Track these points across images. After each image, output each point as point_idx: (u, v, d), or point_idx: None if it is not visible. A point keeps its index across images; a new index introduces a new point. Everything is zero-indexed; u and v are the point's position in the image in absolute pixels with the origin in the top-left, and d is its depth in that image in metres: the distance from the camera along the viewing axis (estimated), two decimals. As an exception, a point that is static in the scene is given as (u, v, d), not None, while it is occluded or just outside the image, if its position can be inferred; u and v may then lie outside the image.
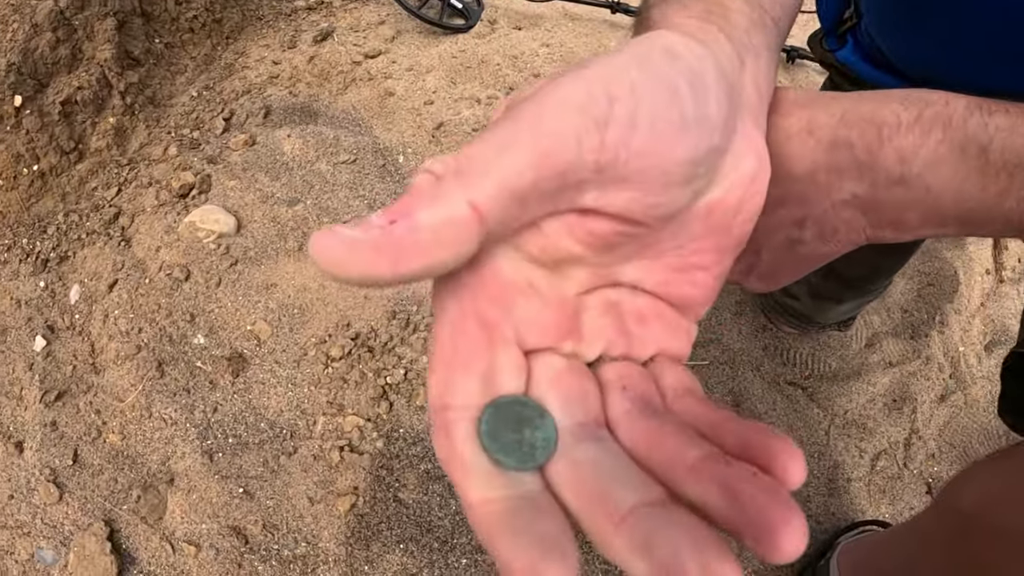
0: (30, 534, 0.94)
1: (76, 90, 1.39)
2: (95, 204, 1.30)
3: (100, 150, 1.40)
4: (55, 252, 1.22)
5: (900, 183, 0.34)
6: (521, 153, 0.22)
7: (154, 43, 1.59)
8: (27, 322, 1.14)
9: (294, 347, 1.00)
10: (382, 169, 1.23)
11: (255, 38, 1.71)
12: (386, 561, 0.84)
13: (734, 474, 0.22)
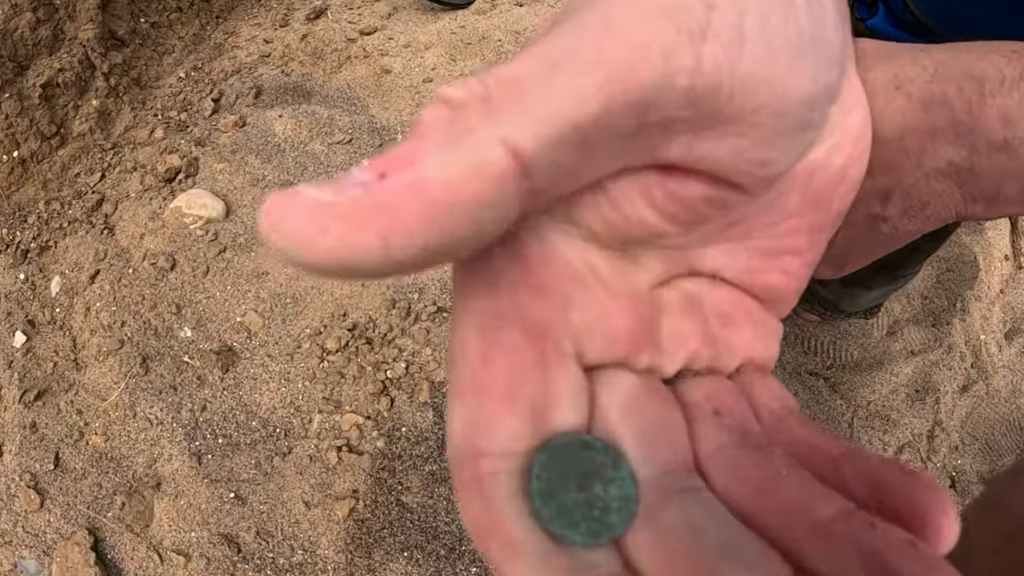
0: (11, 543, 0.88)
1: (58, 72, 1.32)
2: (78, 191, 1.22)
3: (83, 134, 1.32)
4: (36, 242, 1.15)
5: (1003, 148, 0.28)
6: (583, 72, 0.15)
7: (140, 23, 1.51)
8: (6, 317, 1.07)
9: (287, 339, 0.93)
10: (379, 149, 1.15)
11: (246, 17, 1.63)
12: (389, 570, 0.78)
13: (883, 542, 0.15)
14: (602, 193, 0.18)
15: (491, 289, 0.17)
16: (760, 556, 0.16)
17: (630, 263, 0.21)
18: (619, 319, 0.20)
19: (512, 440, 0.17)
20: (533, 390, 0.17)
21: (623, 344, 0.20)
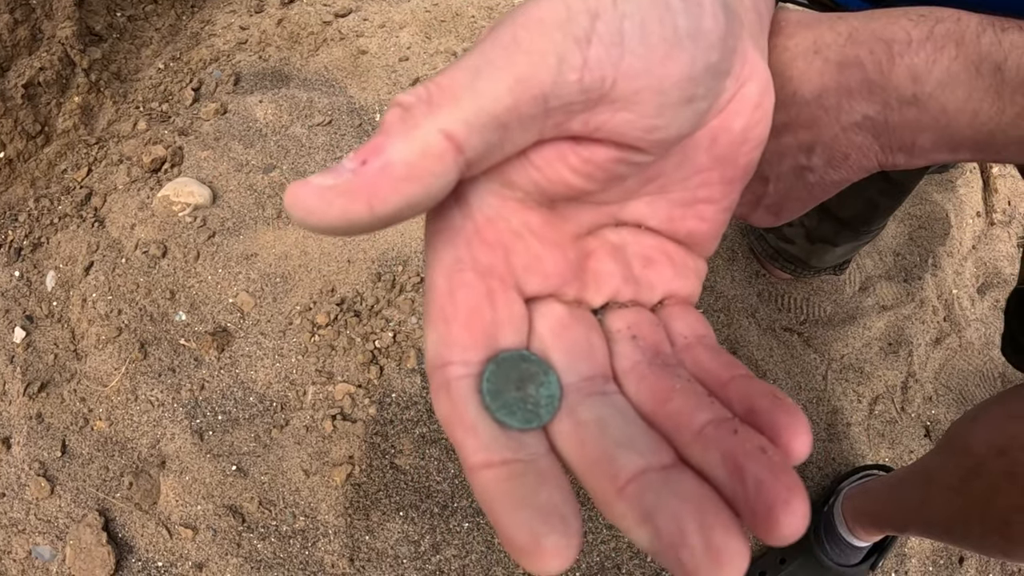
0: (25, 531, 0.92)
1: (38, 71, 1.34)
2: (66, 187, 1.26)
3: (67, 131, 1.35)
4: (28, 240, 1.19)
5: (913, 103, 0.32)
6: (497, 76, 0.21)
7: (116, 17, 1.53)
8: (4, 314, 1.11)
9: (279, 317, 0.98)
10: (359, 129, 1.19)
11: (220, 4, 1.65)
12: (387, 529, 0.83)
13: (740, 447, 0.20)
14: (527, 161, 0.24)
15: (451, 243, 0.23)
16: (651, 446, 0.21)
17: (559, 217, 0.26)
18: (549, 262, 0.25)
19: (469, 353, 0.22)
20: (485, 316, 0.23)
21: (553, 281, 0.25)
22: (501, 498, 0.19)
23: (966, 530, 0.59)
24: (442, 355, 0.22)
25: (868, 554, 0.86)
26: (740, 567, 0.18)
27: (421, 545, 0.82)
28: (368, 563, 0.83)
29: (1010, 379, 1.20)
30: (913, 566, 0.95)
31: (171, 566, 0.85)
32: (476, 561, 0.82)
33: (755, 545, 0.91)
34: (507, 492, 0.20)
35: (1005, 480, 0.50)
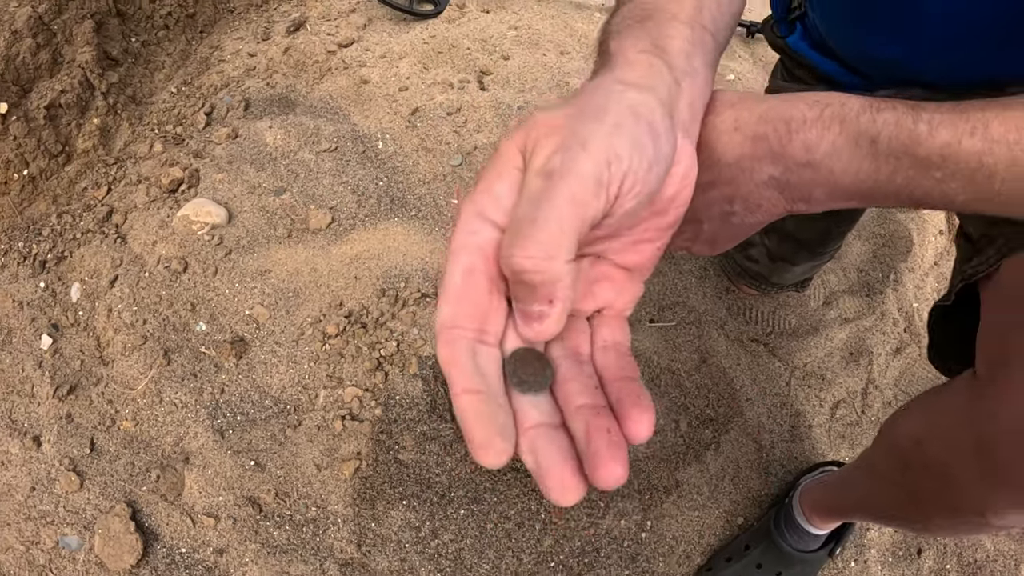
0: (53, 522, 1.03)
1: (59, 94, 1.45)
2: (87, 204, 1.37)
3: (87, 151, 1.46)
4: (52, 253, 1.29)
5: (807, 167, 0.44)
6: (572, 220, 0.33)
7: (131, 42, 1.65)
8: (31, 322, 1.21)
9: (292, 328, 1.09)
10: (362, 155, 1.31)
11: (228, 31, 1.77)
12: (391, 517, 0.95)
13: (595, 424, 0.33)
14: None
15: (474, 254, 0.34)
16: (548, 412, 0.35)
17: None
18: None
19: (469, 324, 0.34)
20: (483, 307, 0.34)
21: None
22: (473, 412, 0.31)
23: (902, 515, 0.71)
24: (452, 321, 0.33)
25: (826, 541, 0.98)
26: (575, 499, 0.31)
27: (421, 531, 0.94)
28: (374, 548, 0.94)
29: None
30: (872, 556, 1.07)
31: (194, 552, 0.96)
32: (471, 545, 0.94)
33: (723, 533, 1.02)
34: (477, 410, 0.31)
35: (922, 470, 0.62)
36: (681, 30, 0.44)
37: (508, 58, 1.51)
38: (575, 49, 1.56)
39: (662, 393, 1.09)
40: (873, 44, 0.68)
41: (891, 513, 0.73)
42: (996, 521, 0.52)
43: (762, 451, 1.09)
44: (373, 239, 1.17)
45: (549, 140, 0.34)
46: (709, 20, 0.47)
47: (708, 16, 0.47)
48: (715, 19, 0.47)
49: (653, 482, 1.01)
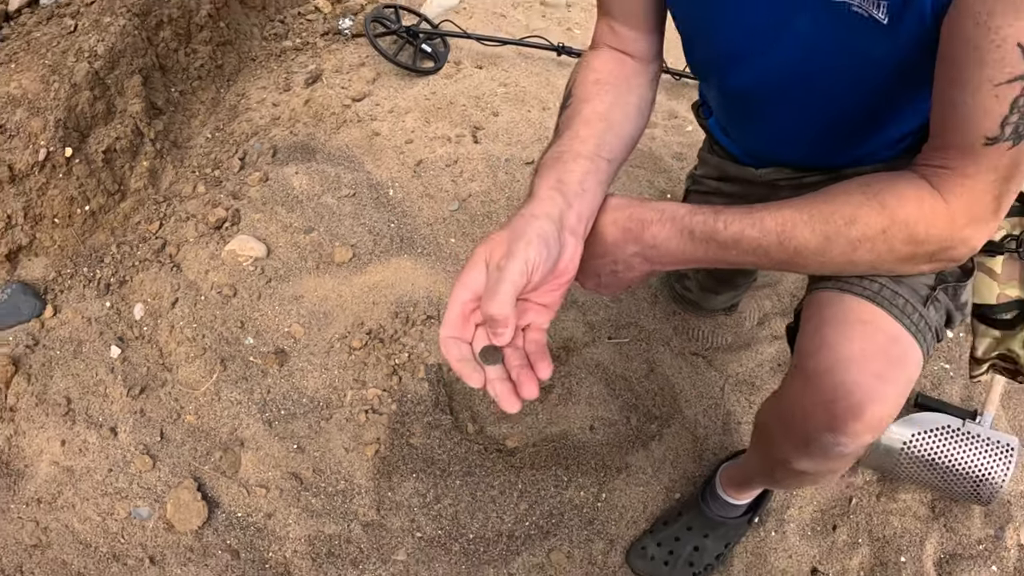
0: (127, 497, 1.35)
1: (115, 140, 1.79)
2: (141, 236, 1.70)
3: (139, 190, 1.80)
4: (114, 278, 1.63)
5: (654, 248, 0.79)
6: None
7: (171, 92, 1.99)
8: (99, 335, 1.54)
9: (323, 342, 1.43)
10: (376, 201, 1.66)
11: (252, 79, 2.12)
12: (403, 488, 1.29)
13: (522, 372, 0.69)
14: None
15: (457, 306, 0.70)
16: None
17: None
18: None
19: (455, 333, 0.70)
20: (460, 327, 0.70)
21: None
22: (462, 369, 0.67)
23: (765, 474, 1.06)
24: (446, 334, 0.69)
25: (745, 511, 1.31)
26: (516, 409, 0.67)
27: (427, 497, 1.28)
28: (389, 511, 1.28)
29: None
30: (791, 529, 1.40)
31: (248, 515, 1.30)
32: (465, 508, 1.28)
33: (663, 504, 1.36)
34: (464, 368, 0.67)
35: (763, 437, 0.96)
36: (581, 164, 0.78)
37: (498, 114, 1.86)
38: (555, 104, 1.92)
39: (617, 395, 1.44)
40: (751, 142, 1.04)
41: (762, 473, 1.07)
42: (797, 467, 0.87)
43: (697, 442, 1.43)
44: (387, 271, 1.52)
45: (498, 250, 0.69)
46: (607, 151, 0.82)
47: (606, 148, 0.82)
48: (612, 148, 0.83)
49: (607, 463, 1.36)
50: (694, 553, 1.26)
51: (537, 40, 2.03)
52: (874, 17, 0.67)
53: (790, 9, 0.74)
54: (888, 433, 1.32)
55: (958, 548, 1.37)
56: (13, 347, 1.51)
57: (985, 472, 1.29)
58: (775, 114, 0.92)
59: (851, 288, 0.79)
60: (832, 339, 0.76)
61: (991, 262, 0.90)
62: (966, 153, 0.65)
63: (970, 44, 0.60)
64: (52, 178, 1.69)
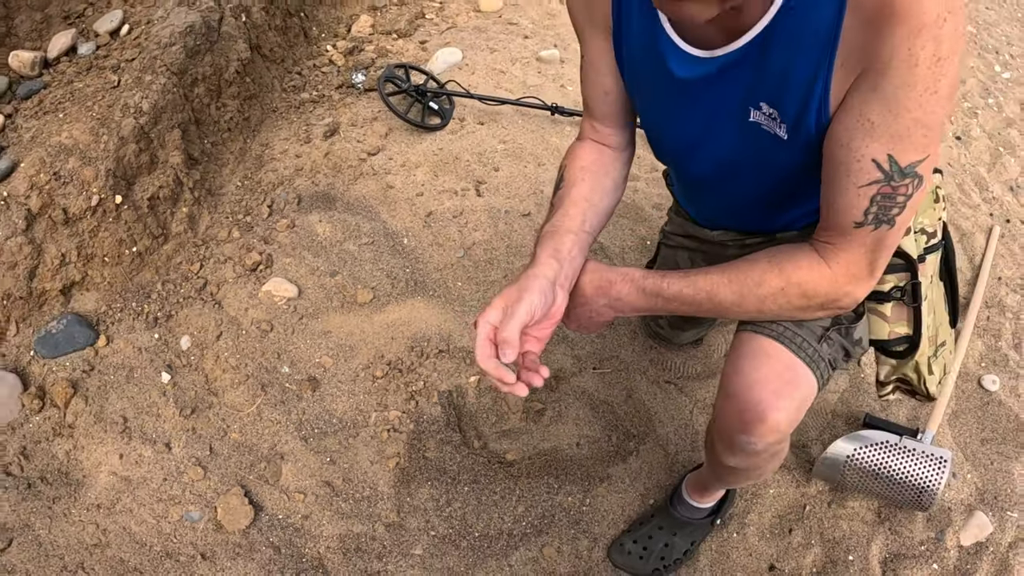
0: (180, 503, 1.65)
1: (158, 188, 2.09)
2: (183, 275, 2.01)
3: (179, 234, 2.11)
4: (160, 312, 1.93)
5: (619, 300, 1.11)
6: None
7: (205, 144, 2.31)
8: (150, 363, 1.84)
9: (349, 372, 1.74)
10: (392, 248, 1.97)
11: (274, 130, 2.44)
12: (419, 494, 1.59)
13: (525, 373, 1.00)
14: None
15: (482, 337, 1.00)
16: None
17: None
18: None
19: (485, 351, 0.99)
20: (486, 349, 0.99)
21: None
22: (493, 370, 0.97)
23: (714, 476, 1.37)
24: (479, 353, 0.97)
25: (708, 514, 1.61)
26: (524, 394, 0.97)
27: (440, 502, 1.58)
28: (408, 514, 1.58)
29: (839, 414, 1.97)
30: (751, 531, 1.70)
31: (288, 517, 1.59)
32: (471, 510, 1.58)
33: (638, 509, 1.66)
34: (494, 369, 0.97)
35: (708, 445, 1.28)
36: (570, 237, 1.10)
37: (498, 169, 2.19)
38: (549, 161, 2.25)
39: (600, 417, 1.75)
40: (701, 211, 1.36)
41: (711, 474, 1.38)
42: (728, 464, 1.18)
43: (668, 457, 1.74)
44: (403, 311, 1.84)
45: (512, 298, 0.99)
46: (588, 226, 1.13)
47: (588, 224, 1.13)
48: (593, 223, 1.14)
49: (591, 474, 1.66)
50: (664, 549, 1.56)
51: (533, 100, 2.36)
52: (777, 134, 0.98)
53: (717, 126, 1.05)
54: (834, 448, 1.61)
55: (902, 549, 1.65)
56: (70, 372, 1.80)
57: (921, 481, 1.58)
58: (715, 195, 1.25)
59: (761, 330, 1.10)
60: (744, 368, 1.08)
61: (882, 307, 1.22)
62: (842, 233, 0.97)
63: (839, 160, 0.91)
64: (103, 222, 1.99)
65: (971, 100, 3.63)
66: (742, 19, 0.90)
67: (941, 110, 0.83)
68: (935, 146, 0.88)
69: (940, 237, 1.28)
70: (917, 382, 1.27)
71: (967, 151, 3.19)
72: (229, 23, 2.49)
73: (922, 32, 0.77)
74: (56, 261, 1.92)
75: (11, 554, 1.54)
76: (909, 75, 0.80)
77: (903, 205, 0.91)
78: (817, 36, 0.85)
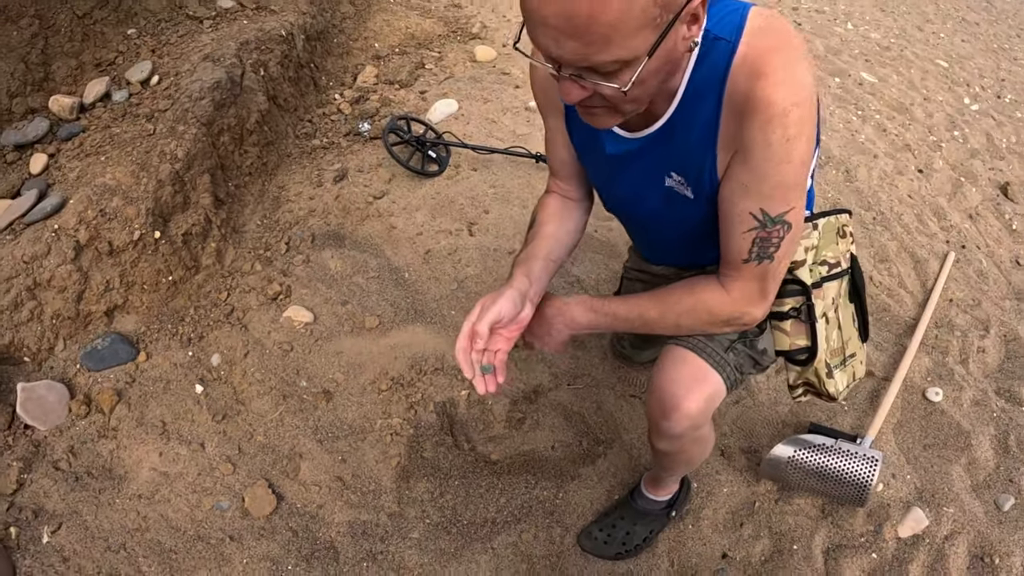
0: (212, 494, 2.01)
1: (191, 226, 2.49)
2: (213, 302, 2.39)
3: (209, 266, 2.50)
4: (194, 333, 2.31)
5: (573, 319, 1.49)
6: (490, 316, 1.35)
7: (229, 186, 2.71)
8: (185, 376, 2.22)
9: (358, 386, 2.12)
10: (396, 282, 2.37)
11: (289, 173, 2.84)
12: (418, 487, 1.96)
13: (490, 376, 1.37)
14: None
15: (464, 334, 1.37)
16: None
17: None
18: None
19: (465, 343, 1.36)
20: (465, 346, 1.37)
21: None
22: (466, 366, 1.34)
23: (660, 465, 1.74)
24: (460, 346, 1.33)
25: (665, 506, 1.97)
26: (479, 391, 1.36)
27: (434, 494, 1.95)
28: (407, 504, 1.95)
29: (788, 424, 2.34)
30: (705, 524, 2.05)
31: (305, 506, 1.95)
32: (461, 502, 1.95)
33: (605, 503, 2.02)
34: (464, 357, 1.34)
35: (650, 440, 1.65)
36: (539, 263, 1.48)
37: (488, 212, 2.59)
38: (533, 204, 2.64)
39: (573, 425, 2.12)
40: (643, 249, 1.76)
41: (655, 463, 1.76)
42: (659, 447, 1.55)
43: (632, 459, 2.11)
44: (405, 335, 2.22)
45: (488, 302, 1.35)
46: (554, 257, 1.52)
47: (553, 255, 1.52)
48: (557, 255, 1.54)
49: (564, 472, 2.03)
50: (626, 536, 1.93)
51: (520, 149, 2.77)
52: (686, 195, 1.36)
53: (642, 190, 1.43)
54: (777, 449, 1.96)
55: (843, 540, 1.99)
56: (115, 382, 2.17)
57: (855, 477, 1.92)
58: (651, 238, 1.65)
59: (681, 342, 1.49)
60: (666, 369, 1.46)
61: (784, 324, 1.59)
62: (735, 267, 1.34)
63: (727, 213, 1.29)
64: (143, 254, 2.37)
65: (937, 134, 4.07)
66: (655, 111, 1.28)
67: (796, 174, 1.19)
68: (797, 200, 1.24)
69: (846, 266, 1.64)
70: (819, 385, 1.64)
71: (928, 183, 3.59)
72: (250, 77, 2.91)
73: (772, 120, 1.13)
74: (101, 287, 2.30)
75: (61, 536, 1.87)
76: (767, 152, 1.17)
77: (778, 245, 1.28)
78: (704, 125, 1.23)
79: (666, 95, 1.24)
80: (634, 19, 0.97)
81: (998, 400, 2.40)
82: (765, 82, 1.11)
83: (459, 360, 1.34)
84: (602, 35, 0.98)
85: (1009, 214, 3.46)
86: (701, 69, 1.19)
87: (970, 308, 2.79)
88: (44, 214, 2.26)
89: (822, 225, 1.56)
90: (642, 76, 1.06)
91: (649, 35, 1.01)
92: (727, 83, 1.16)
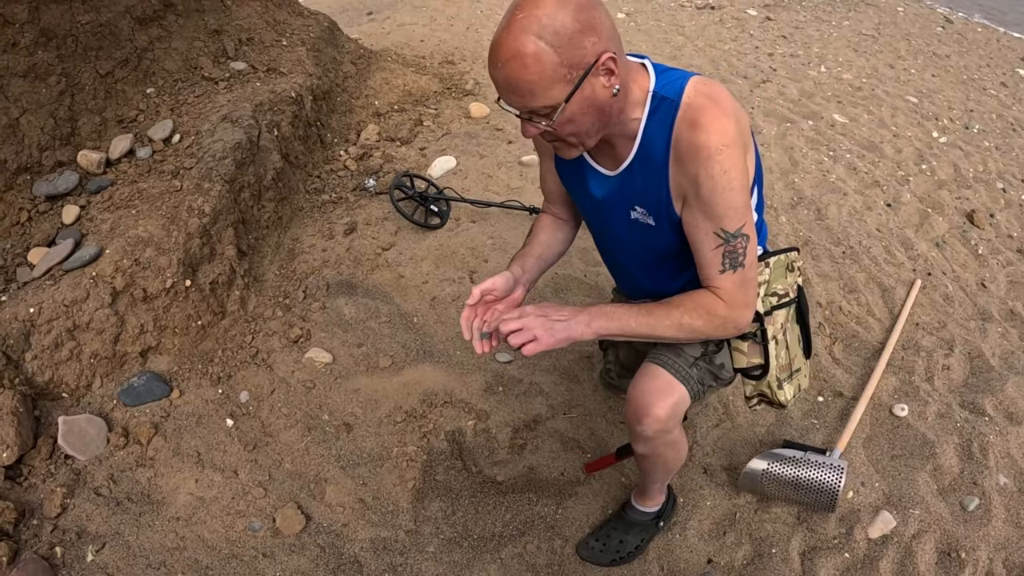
0: (245, 515, 2.35)
1: (217, 275, 2.86)
2: (239, 345, 2.76)
3: (234, 312, 2.87)
4: (223, 373, 2.67)
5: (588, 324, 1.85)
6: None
7: (249, 239, 3.09)
8: (216, 411, 2.57)
9: (374, 419, 2.48)
10: (405, 326, 2.75)
11: (302, 227, 3.24)
12: (431, 507, 2.32)
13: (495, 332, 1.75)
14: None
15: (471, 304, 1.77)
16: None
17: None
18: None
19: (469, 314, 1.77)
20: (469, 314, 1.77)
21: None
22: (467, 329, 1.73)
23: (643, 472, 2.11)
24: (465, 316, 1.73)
25: (654, 517, 2.32)
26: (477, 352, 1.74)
27: (447, 512, 2.31)
28: (422, 522, 2.30)
29: (765, 442, 2.70)
30: (691, 533, 2.39)
31: (330, 525, 2.30)
32: (471, 519, 2.31)
33: (600, 516, 2.38)
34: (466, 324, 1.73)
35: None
36: (531, 260, 1.88)
37: (487, 261, 2.98)
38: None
39: (569, 449, 2.49)
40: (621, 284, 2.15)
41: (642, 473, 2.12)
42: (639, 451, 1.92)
43: (623, 478, 2.47)
44: (416, 374, 2.60)
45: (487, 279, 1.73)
46: (545, 257, 1.93)
47: (544, 256, 1.93)
48: (547, 256, 1.94)
49: (563, 491, 2.40)
50: (620, 544, 2.27)
51: (514, 203, 3.17)
52: (650, 224, 1.76)
53: (613, 221, 1.81)
54: (752, 463, 2.30)
55: (818, 543, 2.30)
56: (151, 416, 2.52)
57: (823, 484, 2.25)
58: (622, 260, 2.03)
59: (653, 359, 1.87)
60: (639, 382, 1.84)
61: (741, 345, 1.95)
62: (716, 279, 1.68)
63: (694, 236, 1.65)
64: (175, 300, 2.74)
65: (905, 168, 4.50)
66: (622, 153, 1.67)
67: (739, 197, 1.56)
68: (747, 216, 1.60)
69: (794, 296, 2.00)
70: (771, 395, 2.02)
71: (896, 216, 4.00)
72: (265, 137, 3.32)
73: (710, 159, 1.52)
74: (136, 330, 2.65)
75: (104, 554, 2.15)
76: (711, 183, 1.54)
77: (744, 253, 1.64)
78: (657, 166, 1.62)
79: (627, 137, 1.64)
80: (547, 78, 1.42)
81: (962, 412, 2.75)
82: (700, 131, 1.52)
83: (462, 326, 1.73)
84: (528, 90, 1.43)
85: (975, 240, 3.87)
86: (653, 120, 1.60)
87: (935, 330, 3.15)
88: (82, 262, 2.58)
89: (773, 262, 1.95)
90: (567, 116, 1.49)
91: (564, 87, 1.44)
92: (673, 133, 1.56)
